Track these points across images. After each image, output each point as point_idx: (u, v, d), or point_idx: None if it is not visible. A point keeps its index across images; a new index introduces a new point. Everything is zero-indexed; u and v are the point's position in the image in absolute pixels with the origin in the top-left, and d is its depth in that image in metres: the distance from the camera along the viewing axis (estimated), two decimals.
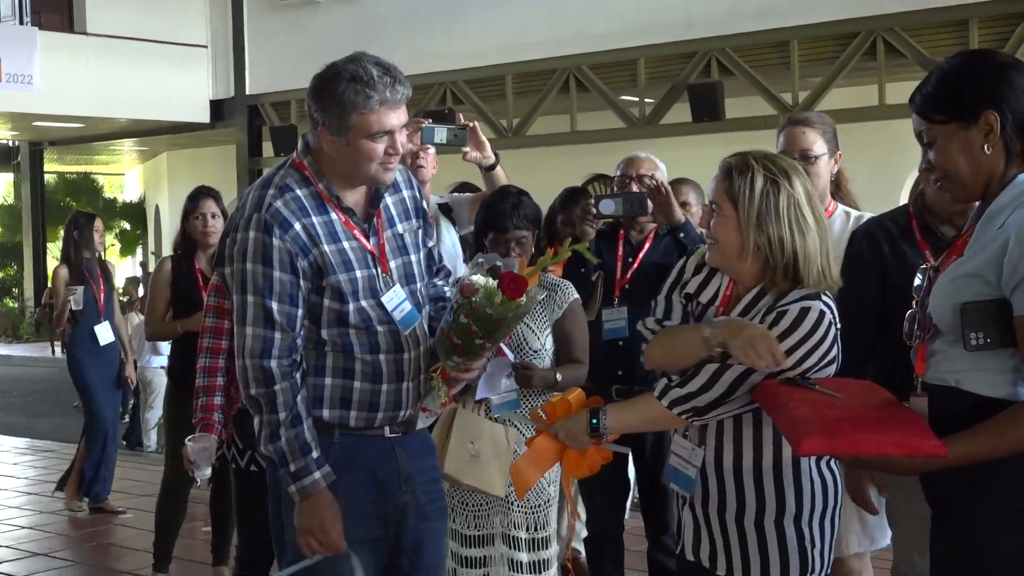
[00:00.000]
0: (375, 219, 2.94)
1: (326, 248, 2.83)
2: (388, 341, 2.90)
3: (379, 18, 15.57)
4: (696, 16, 13.09)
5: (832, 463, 2.74)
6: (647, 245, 4.35)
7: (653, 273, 4.23)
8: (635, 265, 4.35)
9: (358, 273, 2.87)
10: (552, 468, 3.94)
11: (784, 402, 2.48)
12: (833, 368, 2.69)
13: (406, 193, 3.06)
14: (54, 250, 26.64)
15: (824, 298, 2.68)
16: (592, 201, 4.39)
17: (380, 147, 2.82)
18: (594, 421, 2.68)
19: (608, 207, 4.28)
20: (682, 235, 4.24)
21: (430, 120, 4.23)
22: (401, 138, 2.86)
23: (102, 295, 7.30)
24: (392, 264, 2.95)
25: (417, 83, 17.44)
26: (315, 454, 2.83)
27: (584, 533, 4.82)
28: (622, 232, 4.39)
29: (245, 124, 17.44)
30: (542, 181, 5.38)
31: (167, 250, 5.85)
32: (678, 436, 2.84)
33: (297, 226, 2.81)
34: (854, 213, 3.80)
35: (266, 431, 2.84)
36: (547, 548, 3.92)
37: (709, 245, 2.75)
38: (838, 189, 3.89)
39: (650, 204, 4.24)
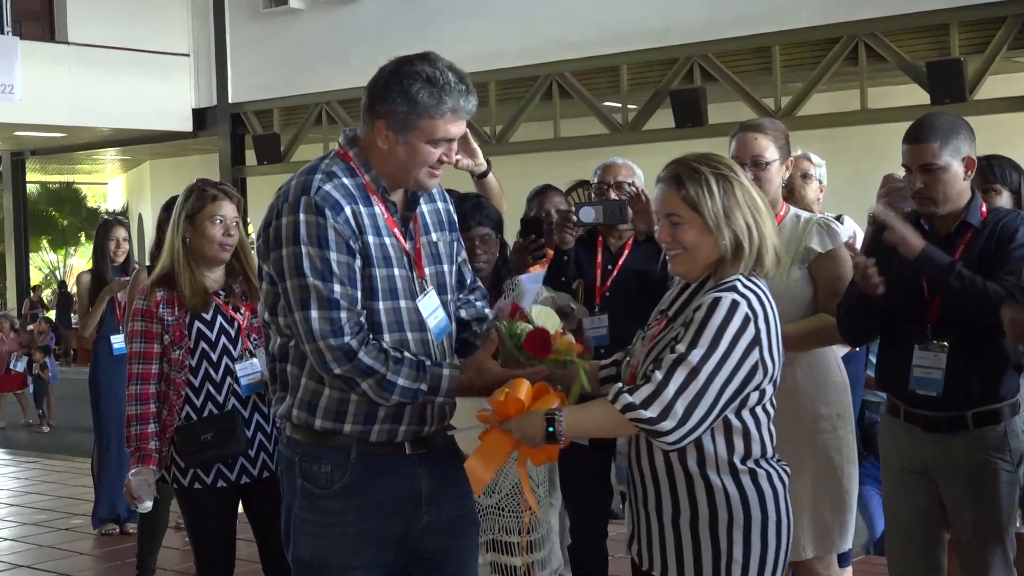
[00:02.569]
0: (411, 223, 2.89)
1: (370, 239, 2.75)
2: (418, 350, 2.81)
3: (359, 26, 15.56)
4: (676, 23, 13.11)
5: (761, 477, 2.69)
6: (626, 252, 4.35)
7: (633, 280, 4.23)
8: (615, 272, 4.33)
9: (396, 271, 2.79)
10: (543, 466, 3.96)
11: None
12: (755, 355, 2.61)
13: (440, 205, 3.01)
14: (37, 260, 26.61)
15: (744, 289, 2.64)
16: (572, 209, 4.39)
17: (436, 153, 2.77)
18: (551, 429, 2.64)
19: (588, 215, 4.27)
20: None
21: None
22: (455, 147, 2.83)
23: (123, 305, 6.95)
24: (427, 270, 2.87)
25: None
26: (429, 365, 2.75)
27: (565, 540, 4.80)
28: (600, 239, 4.39)
29: (228, 132, 17.40)
30: (526, 187, 5.37)
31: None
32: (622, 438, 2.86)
33: (348, 210, 2.73)
34: (804, 215, 3.84)
35: (375, 393, 2.72)
36: (541, 549, 3.90)
37: (674, 256, 2.74)
38: (790, 194, 3.92)
39: (630, 211, 4.25)
